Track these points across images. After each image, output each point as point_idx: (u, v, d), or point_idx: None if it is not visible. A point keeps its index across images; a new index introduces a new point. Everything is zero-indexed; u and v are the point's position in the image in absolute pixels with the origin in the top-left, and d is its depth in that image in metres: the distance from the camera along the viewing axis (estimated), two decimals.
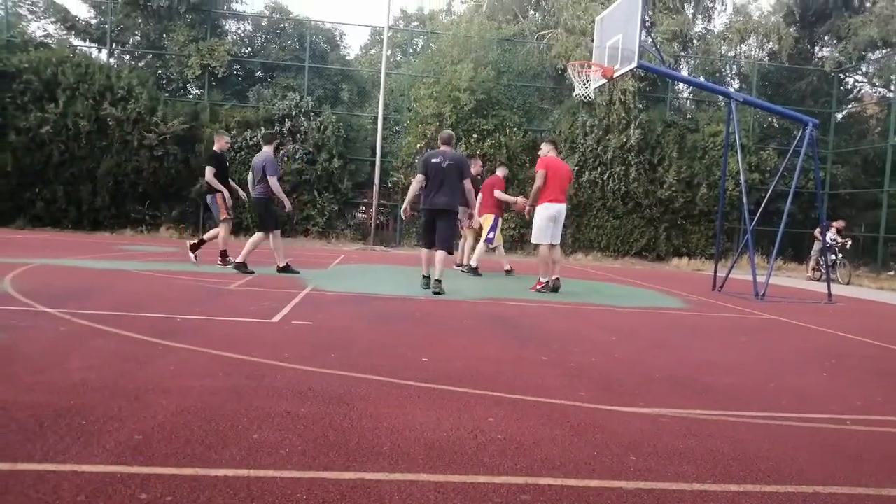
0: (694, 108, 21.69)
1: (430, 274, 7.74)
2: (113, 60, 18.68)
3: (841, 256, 14.71)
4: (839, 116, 21.46)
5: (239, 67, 20.01)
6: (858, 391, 4.01)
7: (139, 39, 19.40)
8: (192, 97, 19.32)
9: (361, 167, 19.11)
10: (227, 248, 9.14)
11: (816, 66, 20.95)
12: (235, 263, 8.67)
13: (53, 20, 18.79)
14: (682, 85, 20.85)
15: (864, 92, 22.85)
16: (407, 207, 7.93)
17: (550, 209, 8.33)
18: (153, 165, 16.79)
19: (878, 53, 20.62)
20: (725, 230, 18.43)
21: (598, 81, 10.58)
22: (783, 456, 2.69)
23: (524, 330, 5.49)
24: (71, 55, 17.07)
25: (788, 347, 5.60)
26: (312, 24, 20.23)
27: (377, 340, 4.59)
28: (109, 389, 2.99)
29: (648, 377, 3.98)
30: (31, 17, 18.66)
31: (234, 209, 9.53)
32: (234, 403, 2.91)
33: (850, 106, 22.54)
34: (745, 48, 21.05)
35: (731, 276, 10.85)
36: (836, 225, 15.03)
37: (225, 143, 9.31)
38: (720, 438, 2.86)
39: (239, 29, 20.43)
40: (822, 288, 10.72)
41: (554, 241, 8.49)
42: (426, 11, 29.32)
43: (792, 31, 20.10)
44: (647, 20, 14.69)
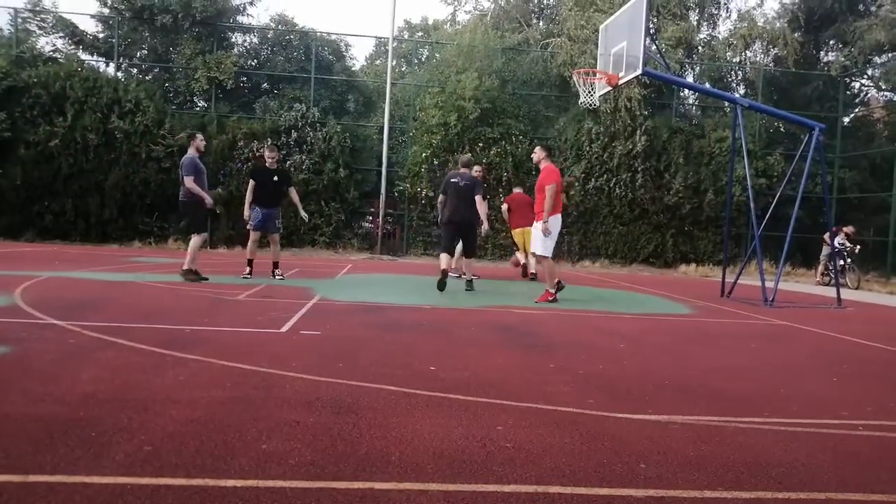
0: (700, 114, 21.65)
1: (446, 272, 8.65)
2: (120, 74, 18.83)
3: (850, 261, 14.62)
4: (846, 121, 21.38)
5: (245, 79, 20.13)
6: (870, 396, 3.98)
7: (146, 53, 19.56)
8: (198, 109, 19.44)
9: (368, 177, 19.16)
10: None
11: (822, 70, 20.90)
12: (183, 271, 8.52)
13: (62, 35, 18.98)
14: (687, 91, 20.83)
15: (870, 96, 22.77)
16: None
17: (560, 220, 8.13)
18: (161, 178, 16.88)
19: (884, 57, 20.55)
20: (733, 236, 18.36)
21: (603, 89, 10.59)
22: (795, 462, 2.67)
23: (531, 338, 5.47)
24: (79, 69, 17.21)
25: (798, 353, 5.56)
26: (318, 35, 20.35)
27: (385, 350, 4.58)
28: (119, 401, 3.00)
29: (658, 384, 3.96)
30: (39, 32, 18.86)
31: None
32: (242, 414, 2.91)
33: (856, 110, 22.46)
34: (749, 54, 21.02)
35: (739, 281, 10.80)
36: (845, 230, 14.94)
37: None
38: (731, 445, 2.84)
39: (245, 41, 20.59)
40: (831, 293, 10.65)
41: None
42: (430, 22, 29.49)
43: (797, 36, 20.07)
44: (651, 27, 14.72)
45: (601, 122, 18.18)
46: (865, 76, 21.77)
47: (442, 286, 8.41)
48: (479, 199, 8.68)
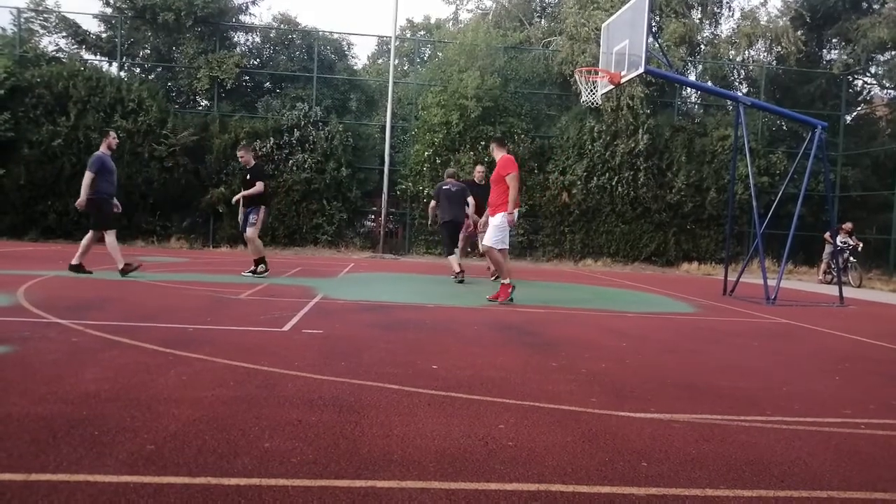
0: (702, 112, 21.61)
1: (461, 272, 10.09)
2: (123, 73, 18.86)
3: (853, 259, 14.58)
4: (848, 119, 21.32)
5: (248, 79, 20.13)
6: (872, 395, 3.97)
7: (149, 53, 19.58)
8: (201, 109, 19.46)
9: (370, 176, 19.17)
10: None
11: (825, 68, 20.85)
12: (71, 266, 8.42)
13: (65, 35, 19.01)
14: (689, 89, 20.79)
15: (873, 94, 22.70)
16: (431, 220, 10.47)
17: (516, 213, 7.77)
18: (163, 177, 16.92)
19: (887, 55, 20.49)
20: (735, 234, 18.33)
21: (605, 87, 10.59)
22: (797, 461, 2.67)
23: (534, 336, 5.48)
24: (82, 69, 17.25)
25: (801, 351, 5.56)
26: (320, 34, 20.34)
27: (387, 348, 4.59)
28: (122, 400, 3.01)
29: (660, 382, 3.96)
30: (42, 32, 18.89)
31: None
32: (245, 413, 2.92)
33: (859, 108, 22.39)
34: (752, 52, 20.97)
35: (741, 280, 10.79)
36: (844, 227, 14.90)
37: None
38: (733, 443, 2.84)
39: (248, 41, 20.60)
40: (833, 291, 10.64)
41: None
42: (433, 21, 29.47)
43: (800, 34, 20.02)
44: (653, 25, 14.69)
45: (603, 120, 18.16)
46: (868, 74, 21.70)
47: (462, 280, 9.98)
48: (470, 200, 10.14)
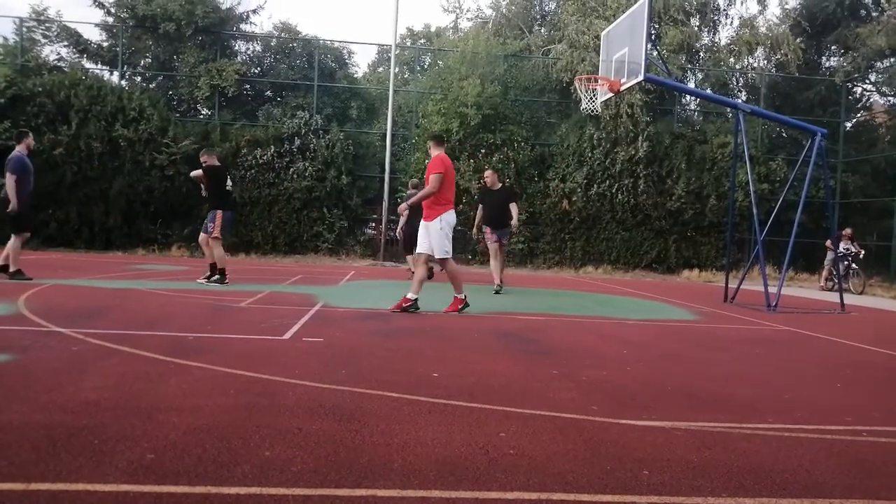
0: (702, 119, 21.66)
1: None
2: (124, 82, 18.93)
3: (854, 266, 14.57)
4: (848, 125, 21.36)
5: (249, 87, 20.21)
6: (875, 402, 3.96)
7: (150, 61, 19.65)
8: (202, 117, 19.52)
9: (371, 183, 19.20)
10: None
11: (825, 76, 20.90)
12: (10, 273, 8.28)
13: (66, 44, 19.09)
14: (689, 97, 20.84)
15: (873, 100, 22.75)
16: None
17: (453, 215, 7.19)
18: (164, 185, 16.95)
19: (886, 62, 20.53)
20: (736, 241, 18.32)
21: (604, 95, 10.61)
22: (799, 468, 2.66)
23: (534, 344, 5.47)
24: (83, 78, 17.32)
25: (802, 358, 5.54)
26: (321, 43, 20.42)
27: (387, 356, 4.58)
28: (122, 408, 3.01)
29: (661, 390, 3.95)
30: (44, 41, 18.98)
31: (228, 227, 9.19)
32: (245, 421, 2.91)
33: (859, 115, 22.43)
34: (752, 60, 21.02)
35: (742, 287, 10.78)
36: (844, 233, 14.90)
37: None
38: (735, 451, 2.83)
39: (248, 49, 20.68)
40: (835, 298, 10.63)
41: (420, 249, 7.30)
42: (433, 29, 29.58)
43: (799, 41, 20.08)
44: (652, 33, 14.74)
45: (603, 128, 18.20)
46: (867, 81, 21.75)
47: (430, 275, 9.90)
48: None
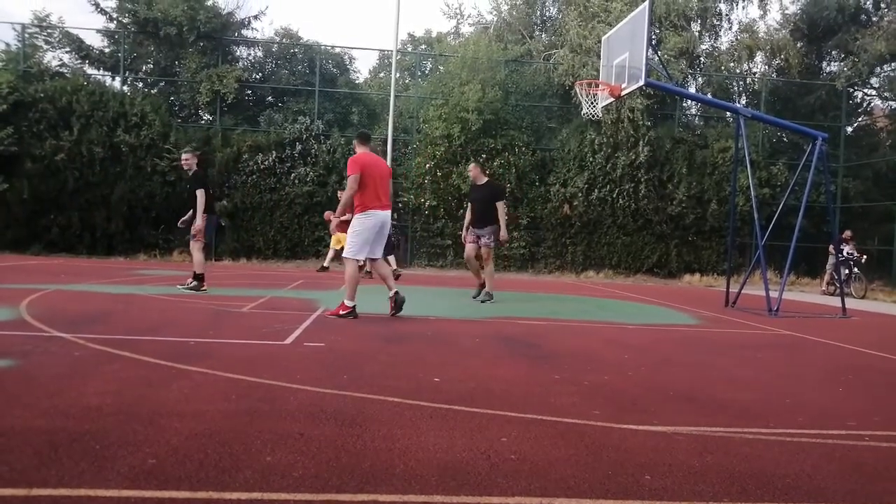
0: (702, 124, 21.66)
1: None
2: (126, 88, 18.97)
3: (856, 270, 14.55)
4: (849, 130, 21.36)
5: (250, 93, 20.25)
6: (876, 406, 3.95)
7: (152, 67, 19.71)
8: (203, 123, 19.56)
9: None
10: None
11: (825, 80, 20.92)
12: None
13: (68, 50, 19.14)
14: (690, 102, 20.86)
15: (873, 105, 22.76)
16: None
17: (373, 218, 6.82)
18: (166, 191, 16.97)
19: (887, 67, 20.55)
20: (737, 246, 18.31)
21: (605, 100, 10.63)
22: (801, 473, 2.66)
23: (535, 349, 5.47)
24: (85, 84, 17.38)
25: (804, 363, 5.54)
26: (322, 49, 20.47)
27: (389, 361, 4.58)
28: (124, 414, 3.01)
29: (663, 394, 3.94)
30: (46, 47, 19.02)
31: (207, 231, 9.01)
32: (247, 426, 2.91)
33: (860, 119, 22.44)
34: (752, 64, 21.05)
35: (743, 291, 10.77)
36: (843, 235, 14.87)
37: None
38: (736, 456, 2.83)
39: (250, 55, 20.73)
40: (836, 302, 10.61)
41: (373, 254, 7.05)
42: (434, 34, 29.64)
43: (800, 46, 20.09)
44: (653, 38, 14.76)
45: (604, 132, 18.21)
46: (868, 85, 21.76)
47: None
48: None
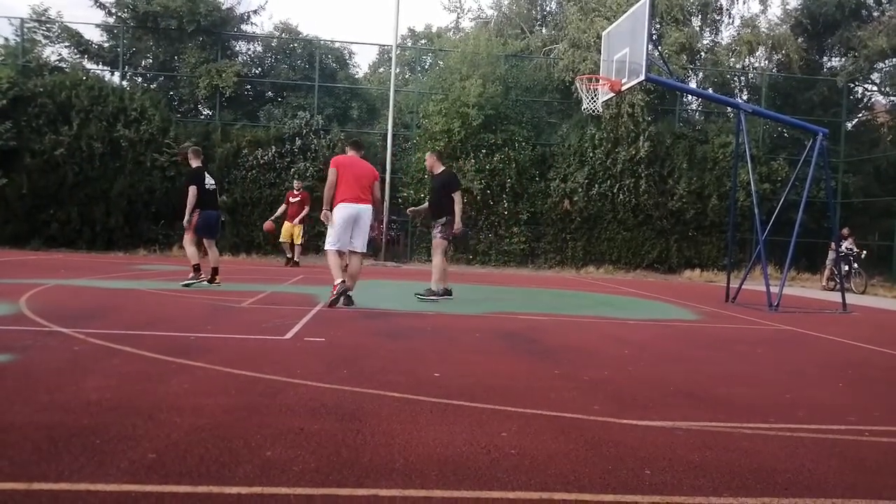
0: (703, 119, 21.64)
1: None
2: (125, 83, 18.93)
3: (856, 266, 14.55)
4: (850, 125, 21.33)
5: (249, 87, 20.21)
6: (876, 402, 3.96)
7: (151, 62, 19.67)
8: (203, 118, 19.53)
9: None
10: None
11: (826, 75, 20.88)
12: None
13: (67, 45, 19.08)
14: (690, 97, 20.82)
15: (874, 100, 22.72)
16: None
17: (344, 209, 7.27)
18: (166, 186, 16.95)
19: (888, 62, 20.50)
20: (737, 241, 18.30)
21: (605, 95, 10.61)
22: (801, 468, 2.66)
23: (535, 344, 5.47)
24: (84, 78, 17.32)
25: (804, 358, 5.54)
26: (322, 43, 20.42)
27: (389, 356, 4.58)
28: (124, 408, 3.01)
29: (663, 390, 3.94)
30: (45, 42, 18.97)
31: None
32: (247, 421, 2.91)
33: (860, 115, 22.40)
34: (753, 59, 21.00)
35: (744, 287, 10.77)
36: (842, 233, 14.87)
37: None
38: (736, 451, 2.83)
39: (249, 50, 20.68)
40: (836, 298, 10.61)
41: (353, 247, 7.42)
42: (434, 29, 29.58)
43: (800, 41, 20.04)
44: (653, 33, 14.72)
45: (604, 128, 18.18)
46: (869, 81, 21.72)
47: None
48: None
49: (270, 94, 20.45)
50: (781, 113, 15.39)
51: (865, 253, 14.98)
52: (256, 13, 20.27)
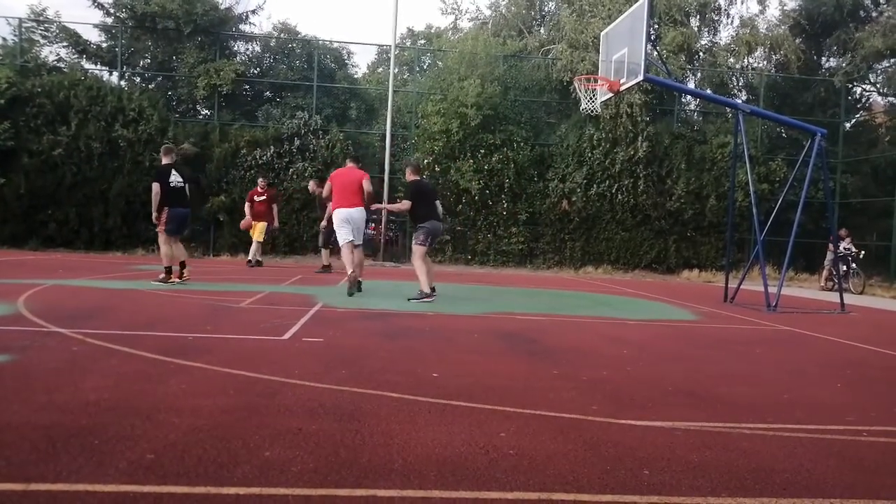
0: (701, 119, 21.64)
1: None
2: (124, 83, 18.89)
3: (854, 266, 14.57)
4: (848, 126, 21.35)
5: (248, 87, 20.18)
6: (875, 402, 3.96)
7: (149, 62, 19.64)
8: (201, 118, 19.50)
9: None
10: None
11: (824, 76, 20.90)
12: None
13: (65, 45, 19.04)
14: (689, 97, 20.83)
15: (872, 101, 22.74)
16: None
17: (338, 214, 9.02)
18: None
19: (885, 63, 20.52)
20: (735, 241, 18.30)
21: (604, 95, 10.61)
22: (799, 468, 2.66)
23: (534, 344, 5.47)
24: (83, 78, 17.28)
25: (802, 358, 5.54)
26: (320, 43, 20.39)
27: (387, 357, 4.58)
28: (122, 409, 3.00)
29: (661, 390, 3.95)
30: (43, 42, 18.94)
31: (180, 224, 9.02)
32: (245, 421, 2.91)
33: (858, 115, 22.42)
34: (751, 60, 21.01)
35: (742, 287, 10.78)
36: (840, 233, 14.88)
37: None
38: (735, 451, 2.83)
39: (248, 50, 20.66)
40: (835, 298, 10.62)
41: (355, 241, 9.19)
42: (432, 29, 29.58)
43: (798, 42, 20.04)
44: (651, 33, 14.73)
45: (602, 128, 18.18)
46: (867, 81, 21.74)
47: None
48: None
49: (269, 94, 20.43)
50: (780, 113, 15.40)
51: (863, 253, 14.99)
52: (255, 13, 20.27)
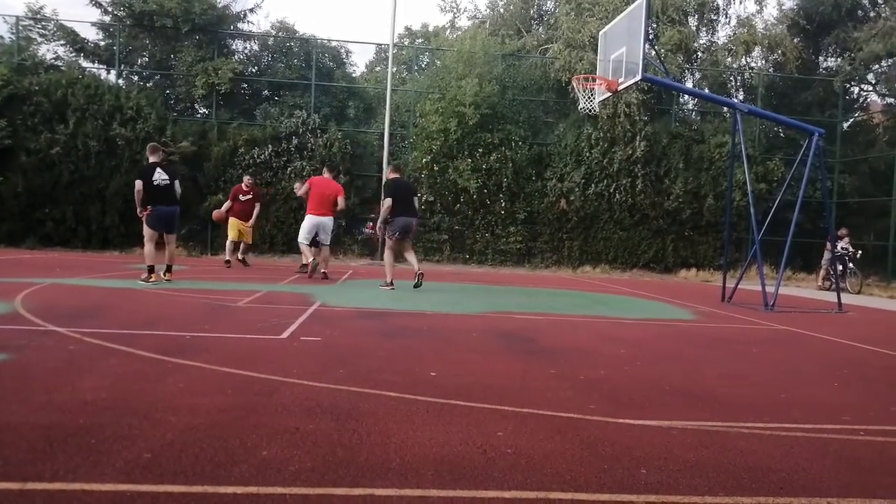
0: (699, 119, 21.65)
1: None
2: (122, 81, 18.86)
3: (852, 266, 14.59)
4: (845, 126, 21.38)
5: (246, 86, 20.15)
6: (871, 401, 3.97)
7: (147, 61, 19.61)
8: (199, 116, 19.48)
9: (368, 183, 19.17)
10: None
11: (822, 76, 20.92)
12: None
13: (63, 43, 19.00)
14: (687, 97, 20.85)
15: (870, 100, 22.77)
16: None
17: (309, 220, 10.47)
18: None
19: (883, 64, 20.54)
20: (733, 241, 18.33)
21: (602, 94, 10.61)
22: (796, 467, 2.67)
23: (532, 343, 5.47)
24: (80, 77, 17.24)
25: (799, 358, 5.55)
26: (318, 42, 20.38)
27: (385, 356, 4.58)
28: (119, 408, 3.00)
29: (659, 389, 3.95)
30: (41, 40, 18.89)
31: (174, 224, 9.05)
32: (243, 420, 2.91)
33: (856, 115, 22.45)
34: (749, 59, 21.03)
35: (739, 286, 10.79)
36: (838, 233, 14.90)
37: None
38: (732, 450, 2.84)
39: (246, 48, 20.63)
40: (832, 298, 10.64)
41: (322, 241, 10.71)
42: (430, 29, 29.56)
43: (797, 41, 20.06)
44: (650, 33, 14.74)
45: (600, 127, 18.19)
46: (865, 81, 21.77)
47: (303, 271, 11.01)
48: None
49: (267, 92, 20.40)
50: (778, 113, 15.42)
51: (861, 253, 15.01)
52: (253, 11, 20.20)
